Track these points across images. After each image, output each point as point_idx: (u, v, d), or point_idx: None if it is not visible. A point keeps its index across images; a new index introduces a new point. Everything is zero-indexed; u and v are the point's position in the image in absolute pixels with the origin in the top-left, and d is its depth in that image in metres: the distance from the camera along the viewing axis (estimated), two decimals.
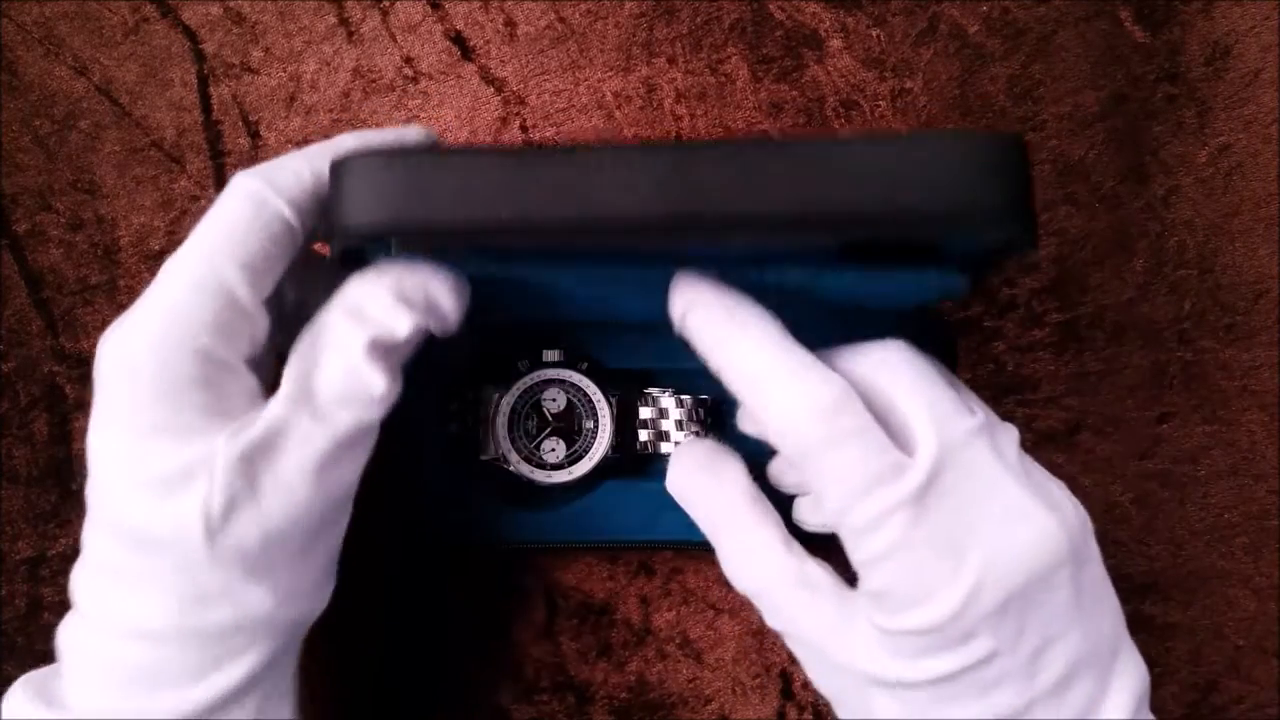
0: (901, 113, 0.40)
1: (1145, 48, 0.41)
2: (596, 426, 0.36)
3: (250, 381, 0.27)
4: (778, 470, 0.32)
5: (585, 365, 0.36)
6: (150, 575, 0.25)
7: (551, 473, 0.35)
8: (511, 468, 0.35)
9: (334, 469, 0.26)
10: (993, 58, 0.41)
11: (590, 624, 0.37)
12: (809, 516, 0.31)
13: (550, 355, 0.36)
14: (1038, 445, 0.39)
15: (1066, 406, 0.39)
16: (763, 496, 0.31)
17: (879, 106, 0.40)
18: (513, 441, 0.35)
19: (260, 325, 0.27)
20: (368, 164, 0.25)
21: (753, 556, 0.29)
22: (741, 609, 0.38)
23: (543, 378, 0.36)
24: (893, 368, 0.27)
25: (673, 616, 0.37)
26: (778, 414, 0.25)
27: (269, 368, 0.29)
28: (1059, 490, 0.27)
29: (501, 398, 0.35)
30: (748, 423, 0.32)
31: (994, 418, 0.28)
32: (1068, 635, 0.25)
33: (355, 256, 0.29)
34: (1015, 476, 0.26)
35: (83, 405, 0.39)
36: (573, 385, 0.36)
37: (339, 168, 0.25)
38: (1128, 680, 0.26)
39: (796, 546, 0.29)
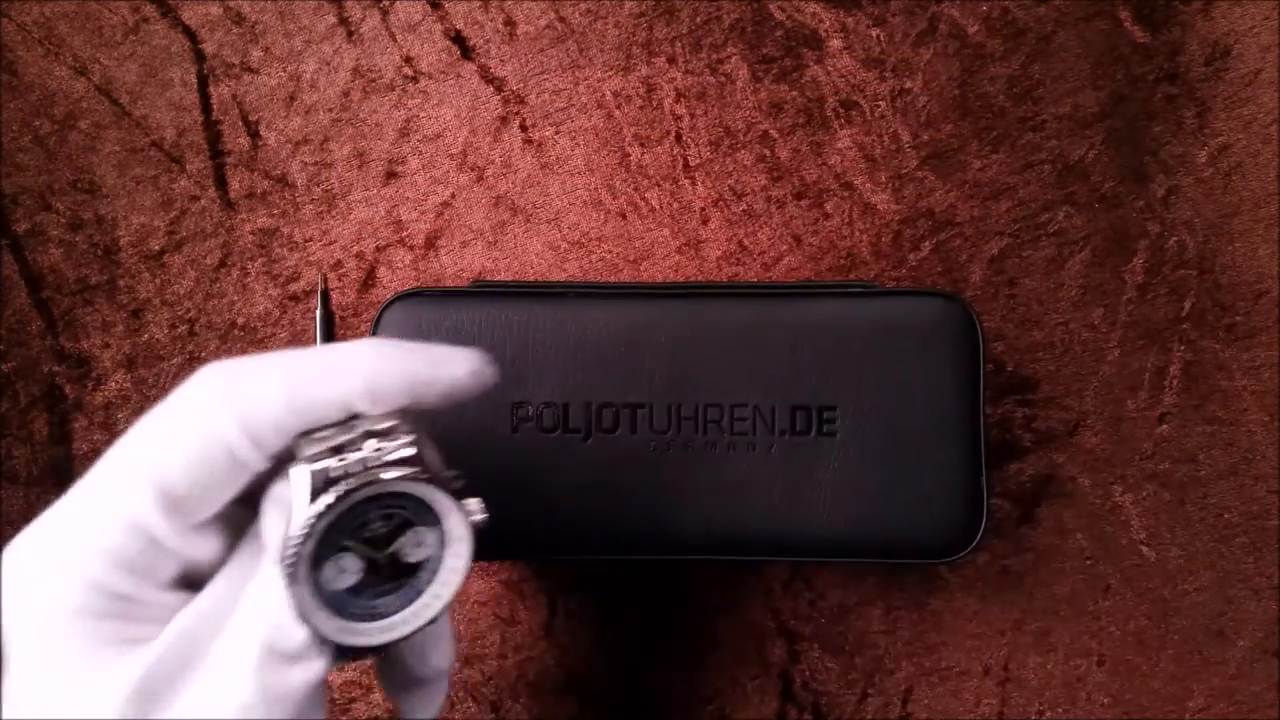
0: (901, 113, 0.40)
1: (1145, 48, 0.41)
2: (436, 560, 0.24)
3: (168, 606, 0.22)
4: None
5: (460, 479, 0.24)
6: None
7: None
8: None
9: None
10: (992, 58, 0.41)
11: (591, 624, 0.37)
12: None
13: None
14: (1038, 445, 0.39)
15: (1066, 406, 0.39)
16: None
17: (879, 106, 0.40)
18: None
19: (193, 549, 0.22)
20: None
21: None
22: (741, 609, 0.38)
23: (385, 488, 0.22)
24: None
25: (675, 617, 0.37)
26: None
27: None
28: None
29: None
30: None
31: None
32: None
33: None
34: None
35: (82, 405, 0.39)
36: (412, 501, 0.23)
37: None
38: None
39: None
